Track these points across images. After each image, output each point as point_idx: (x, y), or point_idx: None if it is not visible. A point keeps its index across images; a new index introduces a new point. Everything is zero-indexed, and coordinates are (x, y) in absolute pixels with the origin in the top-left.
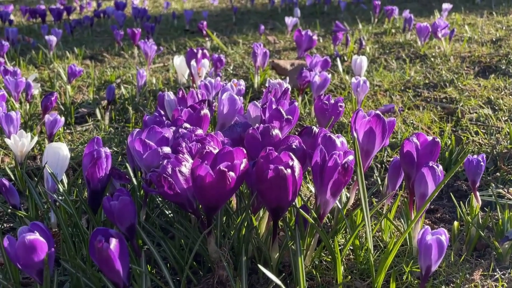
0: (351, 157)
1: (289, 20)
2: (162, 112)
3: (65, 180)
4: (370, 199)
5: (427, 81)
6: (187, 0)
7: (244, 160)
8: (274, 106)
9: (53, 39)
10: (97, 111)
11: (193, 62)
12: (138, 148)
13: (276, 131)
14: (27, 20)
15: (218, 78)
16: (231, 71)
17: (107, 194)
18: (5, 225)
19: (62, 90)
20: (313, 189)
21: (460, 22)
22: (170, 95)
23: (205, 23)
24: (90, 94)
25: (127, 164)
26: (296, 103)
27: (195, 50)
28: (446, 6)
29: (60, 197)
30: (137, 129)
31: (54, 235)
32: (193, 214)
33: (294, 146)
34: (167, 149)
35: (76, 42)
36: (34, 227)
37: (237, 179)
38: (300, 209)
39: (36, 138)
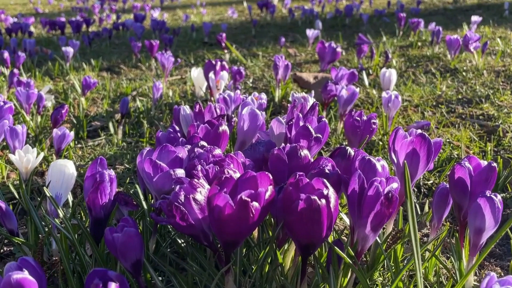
0: (395, 185)
1: (310, 33)
2: (177, 128)
3: (71, 199)
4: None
5: (460, 97)
6: (206, 13)
7: (270, 188)
8: (301, 123)
9: (70, 50)
10: (110, 124)
11: (211, 75)
12: (147, 170)
13: (305, 152)
14: (47, 32)
15: (238, 92)
16: (251, 84)
17: (113, 219)
18: (5, 248)
19: (76, 103)
20: (347, 220)
21: (490, 35)
22: (186, 109)
23: (224, 35)
24: (104, 107)
25: (137, 186)
26: (325, 120)
27: (213, 62)
28: (476, 18)
29: (62, 224)
30: (147, 148)
31: (54, 264)
32: (209, 248)
33: (327, 171)
34: (180, 172)
35: (94, 53)
36: (23, 263)
37: (261, 211)
38: (334, 245)
39: (42, 154)
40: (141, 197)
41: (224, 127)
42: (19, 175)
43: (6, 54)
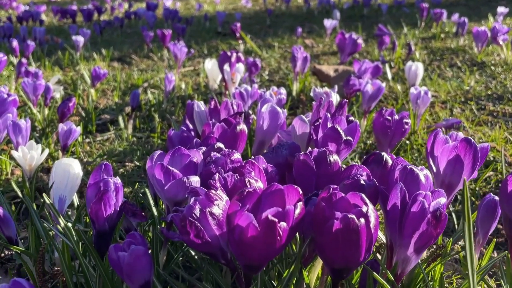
0: (442, 200)
1: (328, 23)
2: (191, 126)
3: (76, 200)
4: (444, 243)
5: (489, 92)
6: (220, 2)
7: (300, 205)
8: (329, 124)
9: (80, 39)
10: (120, 118)
11: (226, 67)
12: (158, 177)
13: (334, 158)
14: (58, 21)
15: (255, 86)
16: (267, 77)
17: (121, 227)
18: (6, 252)
19: (85, 94)
20: (382, 237)
21: None
22: (200, 105)
23: (238, 25)
24: (114, 99)
25: (147, 190)
26: (357, 121)
27: (228, 53)
28: (502, 10)
29: (63, 232)
30: (158, 152)
31: (56, 274)
32: (226, 266)
33: (362, 182)
34: (195, 180)
35: (105, 43)
36: (15, 286)
37: (289, 232)
38: (370, 267)
39: (47, 151)
40: (151, 202)
41: (242, 126)
42: (22, 173)
43: (15, 43)
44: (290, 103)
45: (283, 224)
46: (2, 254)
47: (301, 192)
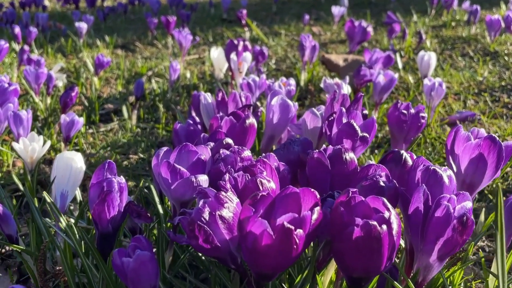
0: (468, 204)
1: (336, 10)
2: (197, 119)
3: (79, 195)
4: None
5: (503, 83)
6: None
7: (317, 210)
8: (344, 120)
9: (83, 26)
10: (124, 108)
11: (233, 56)
12: (165, 175)
13: (350, 156)
14: (61, 6)
15: (264, 76)
16: (273, 66)
17: (125, 226)
18: (7, 248)
19: (88, 83)
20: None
21: None
22: (207, 97)
23: (244, 11)
24: (118, 88)
25: (151, 186)
26: (373, 117)
27: (235, 42)
28: None
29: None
30: (164, 148)
31: (58, 274)
32: (236, 271)
33: (382, 183)
34: (203, 179)
35: (108, 29)
36: None
37: (306, 239)
38: (389, 275)
39: (48, 143)
40: (157, 199)
41: (251, 120)
42: (24, 165)
43: (17, 29)
44: (298, 93)
45: (299, 231)
46: (3, 250)
47: (318, 196)
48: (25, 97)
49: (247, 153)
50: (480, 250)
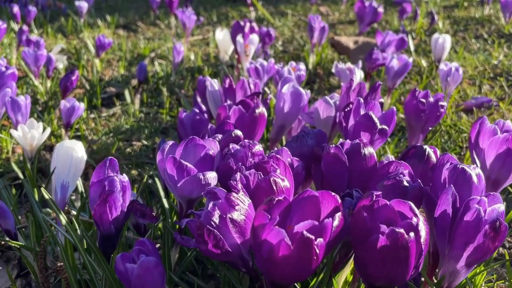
0: (501, 207)
1: None
2: (203, 107)
3: (80, 186)
4: None
5: None
6: None
7: (338, 216)
8: (362, 111)
9: (84, 5)
10: (127, 92)
11: (239, 38)
12: (170, 172)
13: (369, 151)
14: None
15: (272, 60)
16: (280, 48)
17: (129, 223)
18: (7, 238)
19: (89, 65)
20: None
21: None
22: (214, 84)
23: None
24: (120, 70)
25: (156, 180)
26: (394, 108)
27: (241, 23)
28: None
29: (66, 227)
30: (170, 142)
31: (59, 270)
32: (248, 274)
33: (405, 183)
34: (211, 176)
35: (110, 9)
36: None
37: (326, 247)
38: (412, 281)
39: (48, 130)
40: (162, 193)
41: (261, 110)
42: (23, 153)
43: (16, 8)
44: (307, 77)
45: (320, 240)
46: (3, 242)
47: (339, 200)
48: (24, 79)
49: (258, 147)
50: (500, 247)
